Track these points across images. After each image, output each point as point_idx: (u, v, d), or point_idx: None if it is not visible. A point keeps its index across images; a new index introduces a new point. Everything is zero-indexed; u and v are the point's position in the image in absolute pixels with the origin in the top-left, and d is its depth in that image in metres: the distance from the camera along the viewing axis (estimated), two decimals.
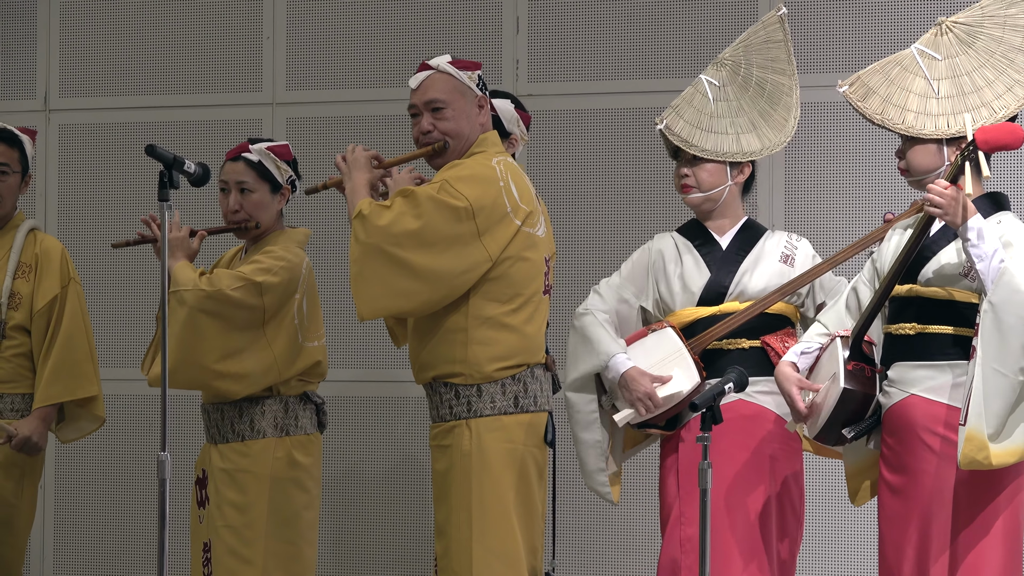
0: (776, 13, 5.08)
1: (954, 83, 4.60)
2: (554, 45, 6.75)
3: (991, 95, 4.57)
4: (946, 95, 4.59)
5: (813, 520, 5.58)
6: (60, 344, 5.58)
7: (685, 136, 4.98)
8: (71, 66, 7.15)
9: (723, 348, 4.92)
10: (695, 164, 4.99)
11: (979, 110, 4.55)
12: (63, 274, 5.63)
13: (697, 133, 4.99)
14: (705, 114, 5.02)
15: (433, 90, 4.89)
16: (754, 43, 5.09)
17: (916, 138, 4.58)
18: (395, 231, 4.72)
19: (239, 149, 5.31)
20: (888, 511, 4.58)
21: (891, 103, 4.61)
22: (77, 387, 5.60)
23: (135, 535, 7.05)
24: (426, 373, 4.91)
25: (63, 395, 5.58)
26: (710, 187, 4.99)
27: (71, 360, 5.58)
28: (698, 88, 5.06)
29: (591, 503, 6.34)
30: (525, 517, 4.84)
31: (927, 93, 4.60)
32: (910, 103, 4.60)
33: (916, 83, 4.62)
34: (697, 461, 4.40)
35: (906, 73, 4.64)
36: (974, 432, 4.29)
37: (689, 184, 5.00)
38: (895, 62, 4.67)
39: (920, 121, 4.58)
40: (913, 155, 4.59)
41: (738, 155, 5.00)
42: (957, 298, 4.48)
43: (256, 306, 5.12)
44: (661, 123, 5.00)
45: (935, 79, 4.61)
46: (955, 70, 4.61)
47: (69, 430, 5.73)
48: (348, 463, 6.87)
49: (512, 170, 4.88)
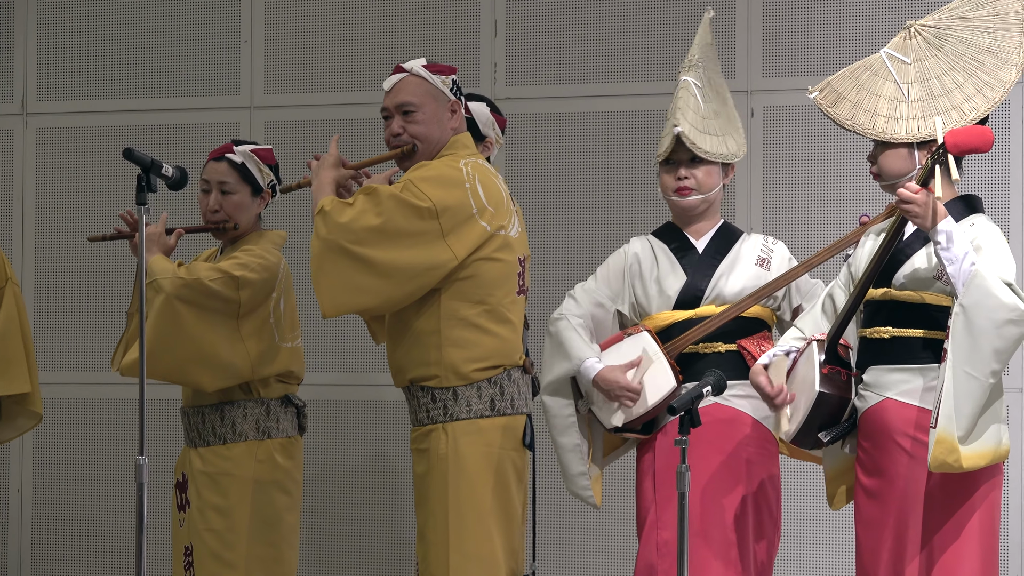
0: (708, 16, 5.12)
1: (924, 86, 4.61)
2: (532, 48, 6.75)
3: (961, 97, 4.58)
4: (916, 99, 4.59)
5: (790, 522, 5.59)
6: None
7: (693, 138, 4.98)
8: (49, 69, 7.14)
9: (699, 352, 4.92)
10: (693, 166, 4.99)
11: (949, 113, 4.56)
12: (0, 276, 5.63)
13: (699, 135, 5.00)
14: (699, 116, 5.03)
15: (405, 93, 4.89)
16: (703, 45, 5.13)
17: (887, 143, 4.59)
18: (355, 227, 4.72)
19: (223, 150, 5.31)
20: (864, 514, 4.59)
21: (861, 108, 4.62)
22: (8, 384, 5.56)
23: (113, 540, 7.03)
24: (403, 376, 4.91)
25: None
26: (709, 188, 4.99)
27: (4, 358, 5.55)
28: (689, 91, 5.06)
29: (571, 505, 6.35)
30: (503, 520, 4.84)
31: (897, 97, 4.61)
32: (880, 108, 4.60)
33: (886, 87, 4.63)
34: (673, 465, 4.40)
35: (876, 78, 4.65)
36: (944, 435, 4.30)
37: (689, 186, 4.98)
38: (864, 67, 4.67)
39: (891, 125, 4.58)
40: (885, 159, 4.60)
41: (728, 156, 5.02)
42: (929, 301, 4.49)
43: (232, 299, 5.12)
44: (677, 127, 4.96)
45: (905, 83, 4.62)
46: (925, 73, 4.62)
47: (7, 429, 5.73)
48: (328, 466, 6.86)
49: (481, 171, 4.87)
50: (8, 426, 5.74)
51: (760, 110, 6.53)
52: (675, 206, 5.03)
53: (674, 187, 4.99)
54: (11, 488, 7.09)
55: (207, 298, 5.09)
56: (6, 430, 5.75)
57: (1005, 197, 6.33)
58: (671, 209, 5.07)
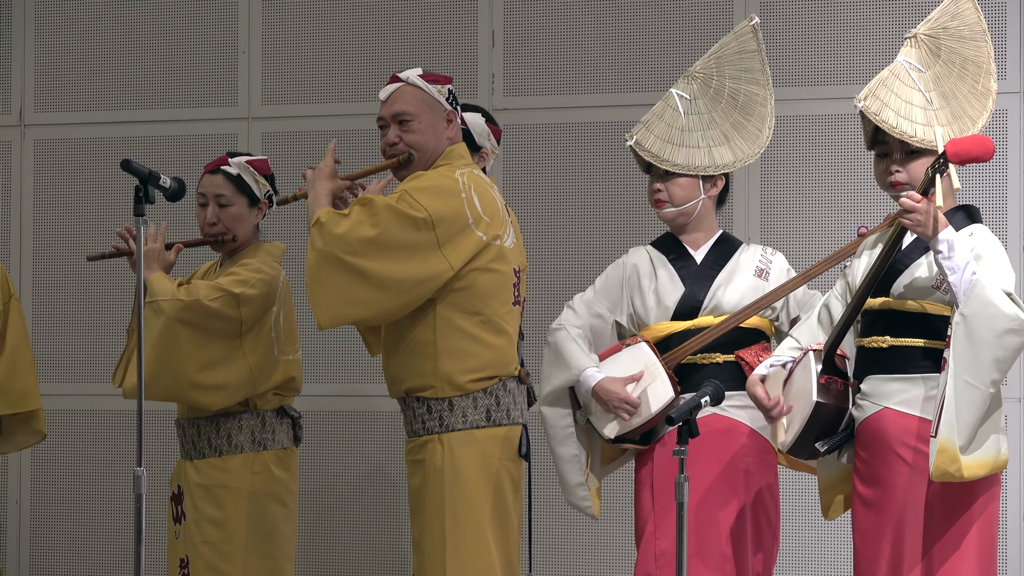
0: (749, 23, 5.08)
1: (939, 94, 4.60)
2: (530, 59, 6.75)
3: (967, 104, 4.58)
4: (939, 106, 4.58)
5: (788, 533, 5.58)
6: (6, 359, 5.60)
7: (656, 151, 4.97)
8: (46, 81, 7.14)
9: (697, 363, 4.91)
10: (667, 179, 4.99)
11: (962, 120, 4.55)
12: (3, 291, 5.64)
13: (668, 148, 4.98)
14: (676, 128, 5.01)
15: (401, 102, 4.89)
16: (726, 54, 5.08)
17: (917, 150, 4.55)
18: (351, 239, 4.72)
19: (218, 162, 5.32)
20: (862, 524, 4.57)
21: (902, 116, 4.58)
22: (19, 401, 5.61)
23: (111, 551, 7.03)
24: (398, 387, 4.90)
25: (4, 408, 5.60)
26: (683, 201, 4.99)
27: (15, 375, 5.60)
28: (668, 102, 5.05)
29: (568, 516, 6.34)
30: (500, 531, 4.83)
31: (926, 105, 4.59)
32: (915, 115, 4.57)
33: (915, 96, 4.60)
34: (671, 475, 4.40)
35: (904, 86, 4.61)
36: (946, 444, 4.29)
37: (662, 199, 4.99)
38: (894, 75, 4.61)
39: (928, 134, 4.54)
40: (916, 167, 4.53)
41: (710, 168, 5.00)
42: (929, 311, 4.48)
43: (233, 317, 5.12)
44: (631, 139, 5.00)
45: (927, 91, 4.60)
46: (938, 81, 4.61)
47: (7, 445, 5.74)
48: (323, 477, 6.86)
49: (476, 181, 4.87)
50: (8, 442, 5.75)
51: None
52: (659, 217, 5.04)
53: (652, 199, 5.01)
54: (9, 500, 7.08)
55: (208, 318, 5.09)
56: (5, 446, 5.76)
57: (1003, 206, 6.33)
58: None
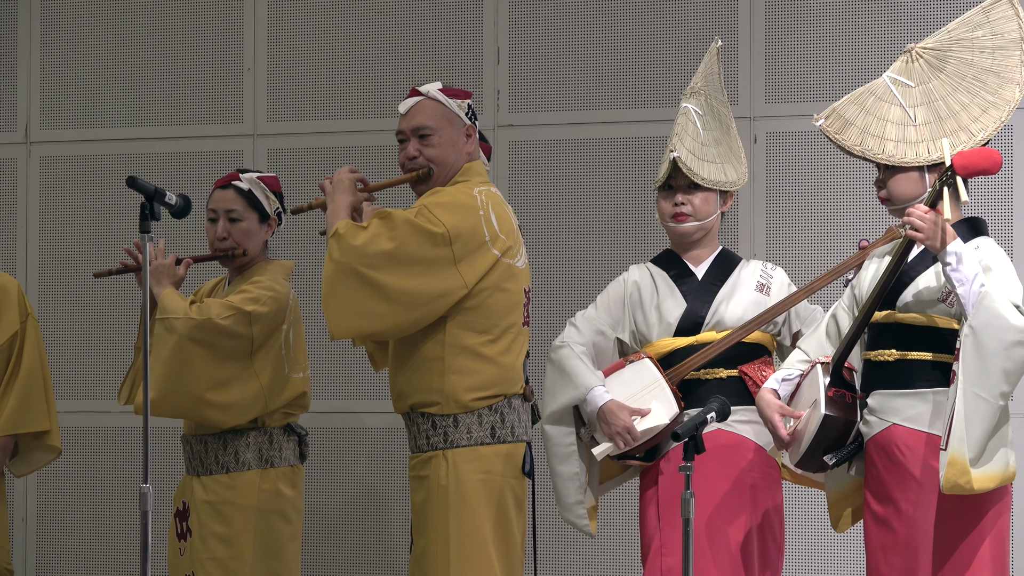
0: (714, 45, 5.12)
1: (930, 109, 4.60)
2: (535, 75, 6.76)
3: (968, 118, 4.57)
4: (924, 121, 4.59)
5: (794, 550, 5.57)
6: (21, 379, 5.63)
7: (690, 165, 4.98)
8: (52, 98, 7.15)
9: (701, 378, 4.91)
10: (690, 192, 4.99)
11: (958, 134, 4.55)
12: (20, 310, 5.66)
13: (697, 162, 5.00)
14: (699, 143, 5.03)
15: (421, 116, 4.89)
16: (708, 73, 5.13)
17: (897, 167, 4.57)
18: (369, 251, 4.71)
19: (229, 178, 5.33)
20: (874, 540, 4.57)
21: (869, 133, 4.61)
22: (34, 420, 5.64)
23: (116, 567, 7.02)
24: (404, 402, 4.90)
25: (20, 427, 5.63)
26: (705, 215, 5.00)
27: (31, 394, 5.63)
28: (688, 117, 5.06)
29: (571, 534, 6.32)
30: (503, 548, 4.82)
31: (905, 121, 4.60)
32: (888, 132, 4.59)
33: (892, 111, 4.62)
34: (677, 491, 4.39)
35: (881, 102, 4.64)
36: (956, 456, 4.29)
37: (685, 212, 4.99)
38: (869, 92, 4.66)
39: (900, 149, 4.57)
40: (895, 184, 4.58)
41: (727, 184, 5.02)
42: (939, 324, 4.48)
43: (245, 335, 5.13)
44: (675, 152, 4.97)
45: (911, 106, 4.61)
46: (930, 96, 4.62)
47: (22, 464, 5.77)
48: (326, 493, 6.85)
49: (494, 200, 4.88)
50: (23, 462, 5.78)
51: (763, 136, 6.53)
52: (672, 232, 5.03)
53: (671, 213, 5.00)
54: (15, 517, 7.08)
55: (220, 337, 5.10)
56: (20, 466, 5.79)
57: (1008, 219, 6.33)
58: (669, 235, 5.08)
